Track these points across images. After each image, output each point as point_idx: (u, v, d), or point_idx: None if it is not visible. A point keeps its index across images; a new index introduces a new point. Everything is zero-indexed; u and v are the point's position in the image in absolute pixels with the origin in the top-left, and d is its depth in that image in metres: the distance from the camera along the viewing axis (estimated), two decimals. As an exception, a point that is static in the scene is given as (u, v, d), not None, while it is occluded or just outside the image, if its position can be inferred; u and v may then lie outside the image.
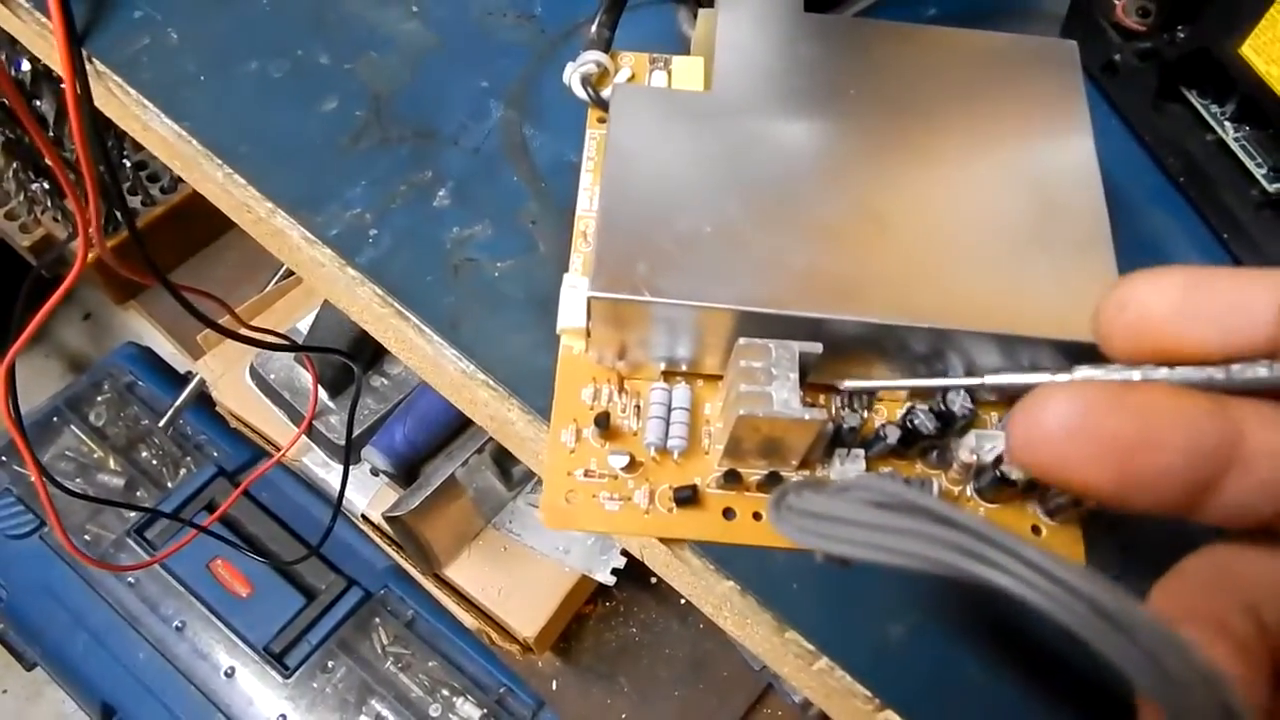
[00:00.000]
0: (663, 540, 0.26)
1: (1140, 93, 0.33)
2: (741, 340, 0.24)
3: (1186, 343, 0.17)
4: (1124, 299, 0.17)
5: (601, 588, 0.86)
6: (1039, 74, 0.28)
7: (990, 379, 0.21)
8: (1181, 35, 0.32)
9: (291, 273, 0.99)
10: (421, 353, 0.30)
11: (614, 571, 0.82)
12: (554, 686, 0.89)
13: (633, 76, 0.30)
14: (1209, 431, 0.16)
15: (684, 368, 0.26)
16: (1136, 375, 0.18)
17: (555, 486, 0.26)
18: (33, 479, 0.97)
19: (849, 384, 0.25)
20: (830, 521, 0.17)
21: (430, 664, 0.90)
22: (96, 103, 0.34)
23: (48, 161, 0.95)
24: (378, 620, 0.93)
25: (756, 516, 0.25)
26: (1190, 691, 0.13)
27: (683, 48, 0.32)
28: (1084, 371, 0.19)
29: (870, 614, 0.25)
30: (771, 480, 0.25)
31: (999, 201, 0.25)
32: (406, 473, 0.82)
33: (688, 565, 0.26)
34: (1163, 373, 0.17)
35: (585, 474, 0.26)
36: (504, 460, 0.82)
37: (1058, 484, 0.16)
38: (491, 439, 0.78)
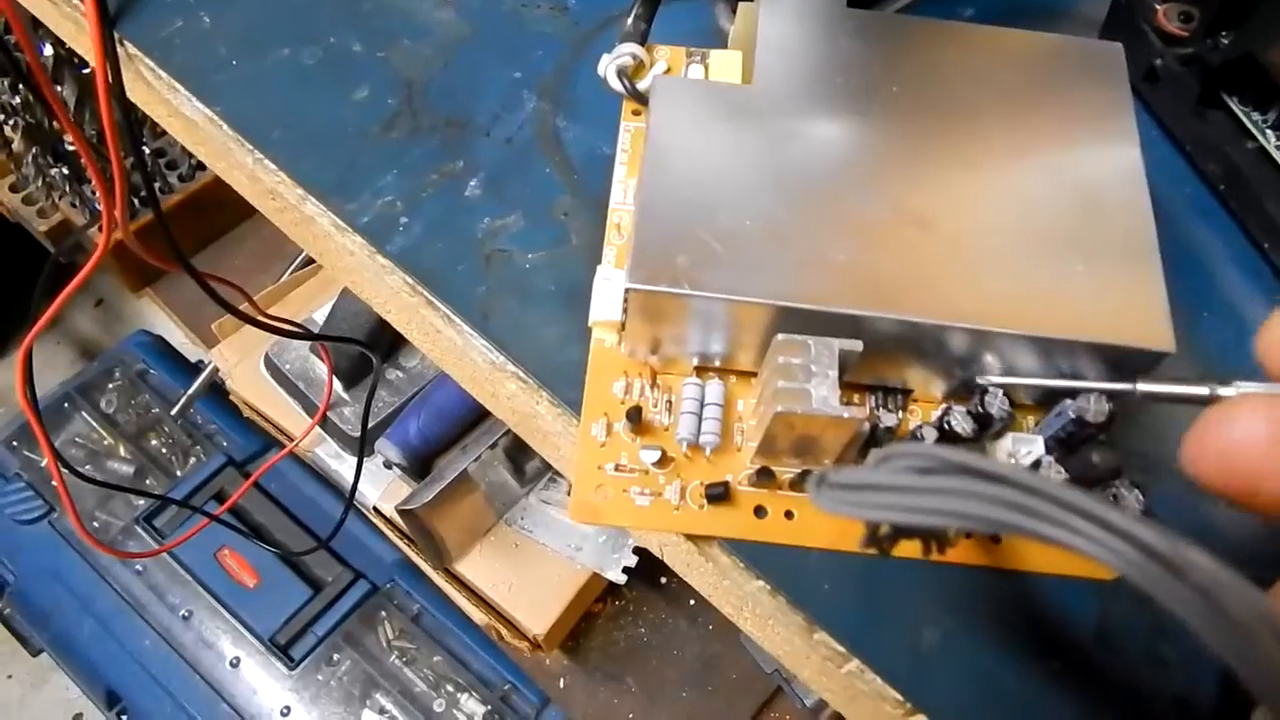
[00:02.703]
0: (691, 537, 0.26)
1: (1181, 99, 0.33)
2: (780, 336, 0.23)
3: None
4: None
5: (611, 587, 0.86)
6: (1084, 76, 0.27)
7: (1143, 387, 0.21)
8: (1225, 41, 0.32)
9: (307, 264, 0.99)
10: (448, 343, 0.29)
11: (625, 570, 0.81)
12: (561, 685, 0.89)
13: (668, 70, 0.30)
14: None
15: (717, 363, 0.26)
16: None
17: (585, 480, 0.25)
18: (43, 464, 0.98)
19: (989, 379, 0.24)
20: (873, 491, 0.17)
21: (435, 659, 0.90)
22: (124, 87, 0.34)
23: (68, 147, 0.95)
24: (384, 614, 0.92)
25: (789, 515, 0.25)
26: (1247, 629, 0.13)
27: (718, 42, 0.32)
28: (1244, 385, 0.18)
29: (903, 618, 0.25)
30: (804, 479, 0.25)
31: (1042, 203, 0.25)
32: (420, 466, 0.82)
33: (715, 564, 0.26)
34: None
35: (616, 468, 0.25)
36: (517, 456, 0.82)
37: (1246, 497, 0.16)
38: (505, 434, 0.78)
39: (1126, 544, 0.14)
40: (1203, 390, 0.20)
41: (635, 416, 0.25)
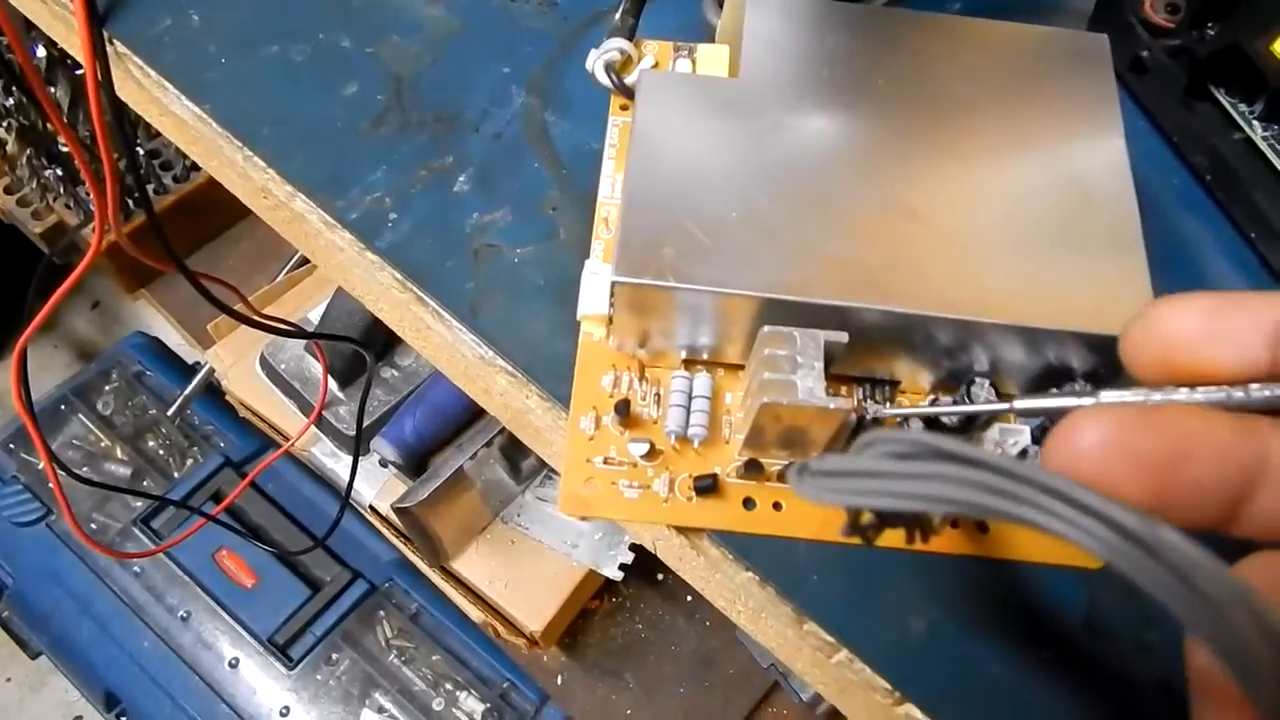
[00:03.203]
0: (681, 530, 0.26)
1: (1168, 90, 0.33)
2: (766, 328, 0.24)
3: (1208, 364, 0.17)
4: (1148, 323, 0.18)
5: (608, 583, 0.86)
6: (1070, 67, 0.27)
7: (1019, 404, 0.21)
8: (1211, 32, 0.32)
9: (301, 264, 0.99)
10: (439, 339, 0.30)
11: (621, 567, 0.81)
12: (559, 681, 0.89)
13: (656, 64, 0.30)
14: (1236, 446, 0.16)
15: (705, 356, 0.26)
16: (1158, 397, 0.18)
17: (574, 473, 0.25)
18: (40, 466, 0.98)
19: (878, 410, 0.25)
20: (854, 477, 0.17)
21: (434, 658, 0.90)
22: (114, 86, 0.34)
23: (62, 148, 0.95)
24: (382, 613, 0.92)
25: (777, 507, 0.25)
26: (1223, 610, 0.13)
27: (705, 36, 0.32)
28: (1109, 394, 0.19)
29: (891, 608, 0.25)
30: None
31: (1028, 195, 0.25)
32: (415, 465, 0.82)
33: (705, 556, 0.26)
34: (1183, 394, 0.18)
35: (604, 461, 0.26)
36: (513, 454, 0.82)
37: None
38: (501, 432, 0.78)
39: (1103, 526, 0.14)
40: (1071, 402, 0.20)
41: (624, 409, 0.26)
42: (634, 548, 0.82)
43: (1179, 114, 0.33)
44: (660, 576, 0.92)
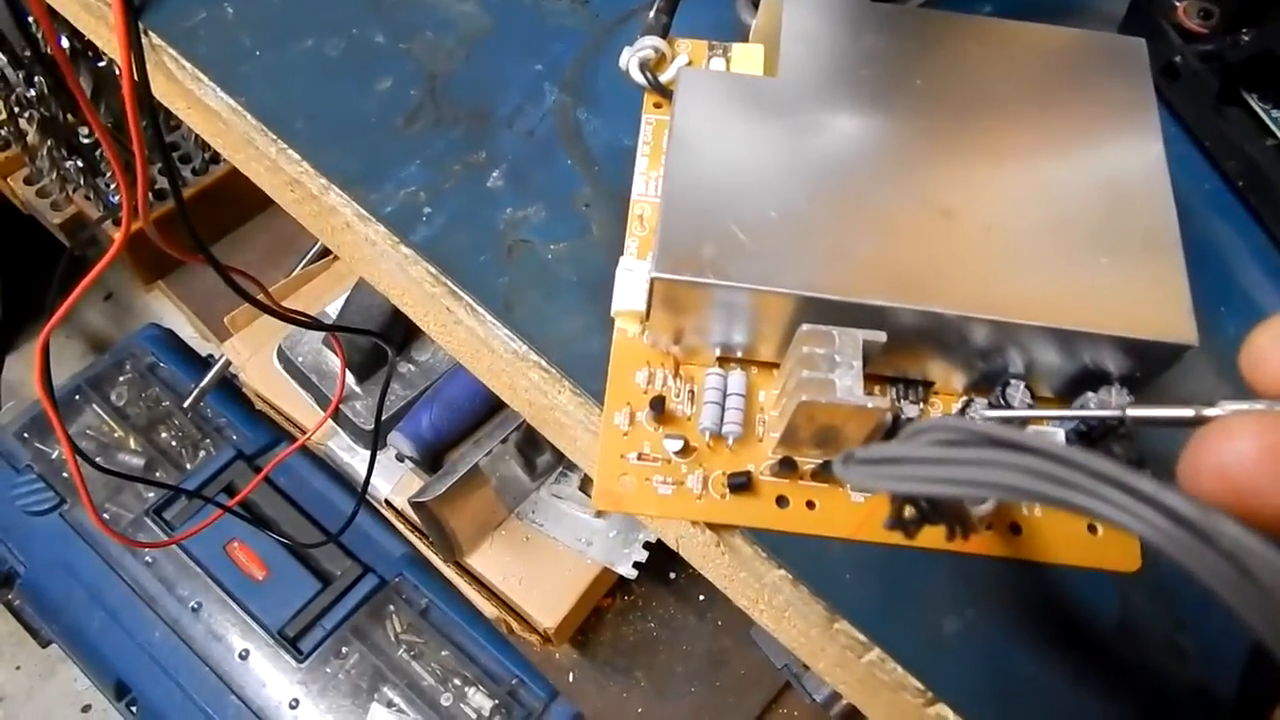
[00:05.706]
0: (712, 527, 0.26)
1: (1200, 96, 0.33)
2: (805, 326, 0.24)
3: None
4: (1273, 337, 0.17)
5: (620, 582, 0.86)
6: (1107, 71, 0.27)
7: (1132, 412, 0.21)
8: (1245, 38, 0.32)
9: (318, 258, 0.99)
10: (469, 334, 0.30)
11: (635, 565, 0.81)
12: (570, 679, 0.89)
13: (690, 63, 0.30)
14: None
15: (739, 354, 0.26)
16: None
17: (609, 469, 0.26)
18: (54, 456, 0.98)
19: (991, 413, 0.25)
20: (903, 463, 0.17)
21: (443, 653, 0.90)
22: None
23: (83, 140, 0.95)
24: (392, 608, 0.93)
25: (810, 505, 0.25)
26: (1277, 597, 0.13)
27: (738, 36, 0.32)
28: (1231, 405, 0.18)
29: (924, 608, 0.25)
30: (826, 470, 0.25)
31: (1066, 197, 0.25)
32: (432, 460, 0.82)
33: (735, 554, 0.26)
34: None
35: (639, 457, 0.26)
36: (529, 450, 0.82)
37: (1246, 514, 0.16)
38: (517, 428, 0.78)
39: (1156, 511, 0.14)
40: (1189, 412, 0.20)
41: (658, 406, 0.26)
42: (647, 546, 0.82)
43: (1211, 119, 0.33)
44: (673, 575, 0.92)
